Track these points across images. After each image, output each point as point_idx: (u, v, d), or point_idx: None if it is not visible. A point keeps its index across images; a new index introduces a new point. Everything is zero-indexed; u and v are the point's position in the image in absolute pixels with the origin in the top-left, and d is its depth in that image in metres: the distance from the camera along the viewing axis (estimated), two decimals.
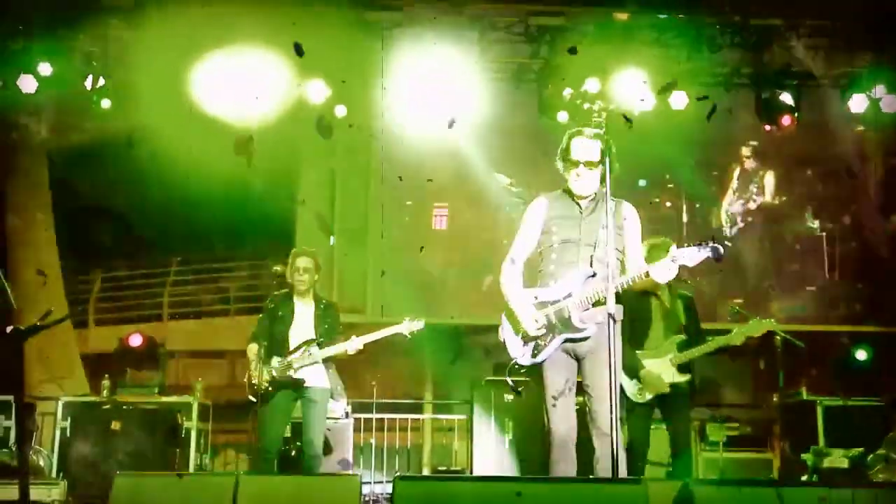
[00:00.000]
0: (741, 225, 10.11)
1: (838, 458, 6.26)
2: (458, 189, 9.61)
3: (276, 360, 6.19)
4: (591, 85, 8.56)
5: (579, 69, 8.59)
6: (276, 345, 6.24)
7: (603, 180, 4.53)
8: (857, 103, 8.98)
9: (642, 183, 9.83)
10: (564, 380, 4.56)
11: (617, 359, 4.34)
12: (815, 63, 9.09)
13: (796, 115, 8.90)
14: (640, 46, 8.71)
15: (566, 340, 4.54)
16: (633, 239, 4.70)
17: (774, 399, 8.21)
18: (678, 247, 4.41)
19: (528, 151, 9.46)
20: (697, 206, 10.00)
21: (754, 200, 10.01)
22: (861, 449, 6.27)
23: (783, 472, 7.68)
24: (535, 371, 4.62)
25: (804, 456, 6.68)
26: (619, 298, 4.39)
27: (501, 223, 9.50)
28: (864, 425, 7.45)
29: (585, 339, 4.52)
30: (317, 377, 6.22)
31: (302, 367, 6.15)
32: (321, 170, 9.89)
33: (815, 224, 10.29)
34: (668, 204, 10.01)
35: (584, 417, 4.59)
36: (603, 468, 4.34)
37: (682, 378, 6.07)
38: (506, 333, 4.71)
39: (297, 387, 6.16)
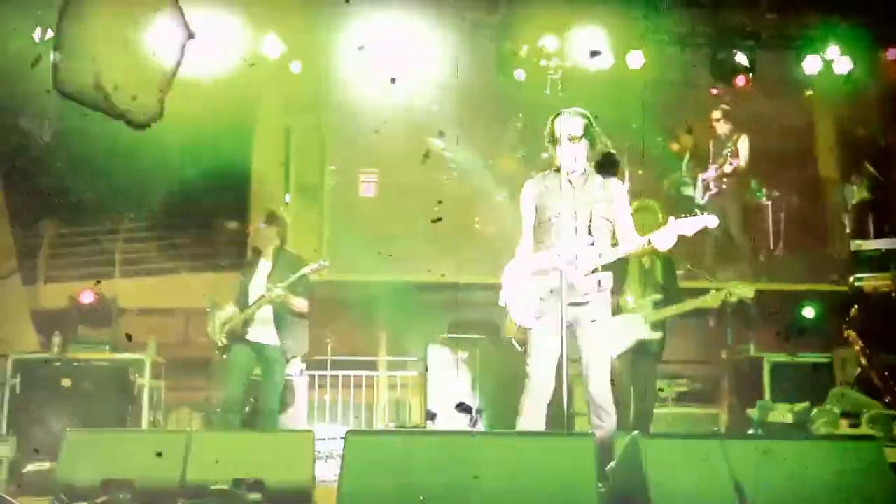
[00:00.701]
0: (714, 191, 9.85)
1: (783, 413, 6.40)
2: (414, 146, 9.54)
3: (232, 316, 6.24)
4: (549, 42, 8.54)
5: (537, 26, 8.57)
6: (240, 303, 6.33)
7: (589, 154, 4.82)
8: (811, 64, 9.09)
9: None
10: (553, 339, 4.65)
11: (605, 325, 4.78)
12: (771, 23, 9.18)
13: (751, 75, 8.98)
14: (599, 4, 8.70)
15: (570, 304, 4.66)
16: (624, 212, 4.90)
17: (723, 355, 8.36)
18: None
19: (483, 109, 9.43)
20: (640, 172, 9.82)
21: (731, 164, 9.71)
22: (806, 404, 6.42)
23: (730, 427, 7.85)
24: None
25: (750, 411, 6.82)
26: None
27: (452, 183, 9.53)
28: (811, 381, 7.63)
29: (586, 303, 4.70)
30: (267, 335, 6.25)
31: (251, 321, 6.18)
32: (276, 127, 9.78)
33: (763, 191, 10.27)
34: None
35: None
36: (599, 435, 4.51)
37: (655, 336, 6.21)
38: (508, 297, 4.85)
39: (246, 342, 6.20)
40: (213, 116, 8.93)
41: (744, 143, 9.85)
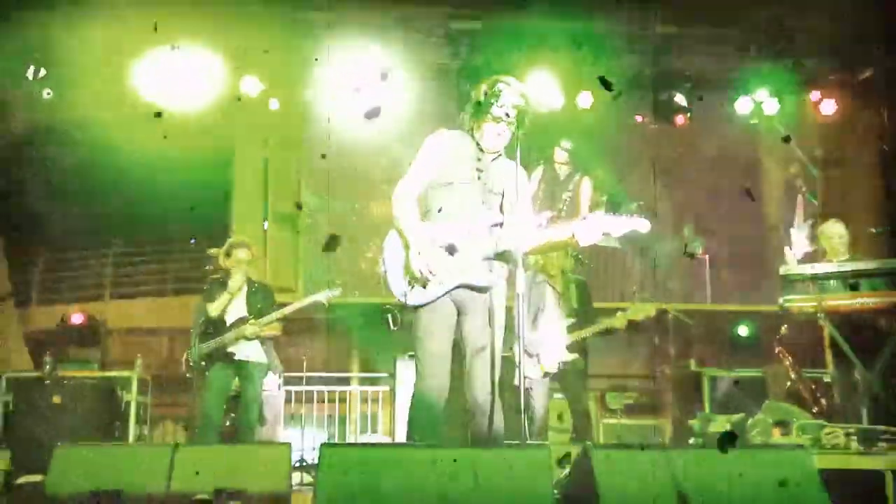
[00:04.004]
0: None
1: (721, 423, 6.45)
2: (381, 180, 9.56)
3: (211, 339, 6.16)
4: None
5: (495, 69, 8.62)
6: (213, 325, 6.21)
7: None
8: (743, 105, 9.26)
9: None
10: (445, 330, 3.91)
11: (500, 318, 3.96)
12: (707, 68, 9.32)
13: (689, 115, 9.13)
14: (551, 50, 8.80)
15: (462, 286, 3.90)
16: (527, 203, 4.15)
17: (666, 371, 8.43)
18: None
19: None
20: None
21: (561, 216, 8.19)
22: (742, 414, 6.47)
23: (674, 436, 7.90)
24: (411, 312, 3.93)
25: (691, 421, 6.87)
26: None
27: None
28: (746, 394, 7.69)
29: (484, 289, 3.91)
30: (253, 352, 6.20)
31: (234, 342, 6.12)
32: (255, 159, 9.78)
33: (698, 241, 9.19)
34: None
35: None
36: (481, 436, 3.86)
37: (572, 357, 6.20)
38: (389, 265, 3.94)
39: (231, 361, 6.12)
40: (197, 149, 8.91)
41: (586, 187, 8.76)
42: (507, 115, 3.93)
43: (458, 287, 3.89)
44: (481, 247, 3.92)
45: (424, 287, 3.84)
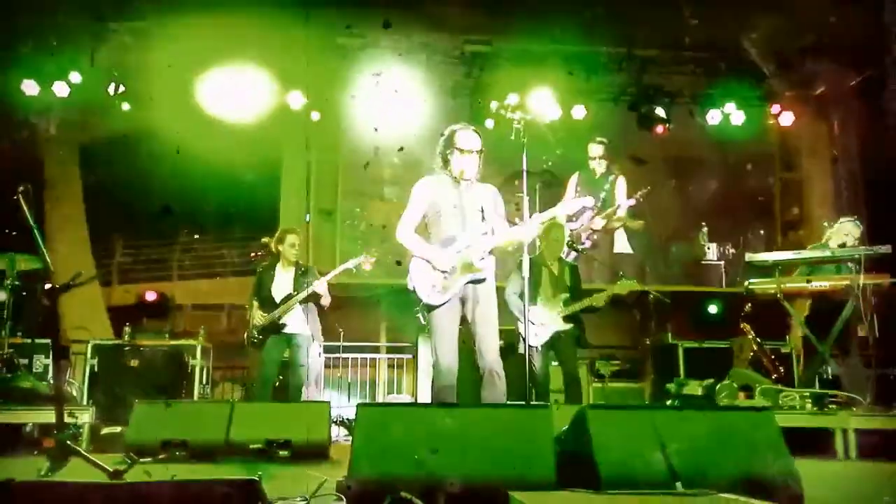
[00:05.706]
0: (586, 245, 7.94)
1: (694, 387, 6.38)
2: (406, 179, 9.50)
3: (265, 314, 6.18)
4: (512, 99, 8.56)
5: (503, 86, 8.59)
6: (265, 304, 6.23)
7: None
8: (712, 117, 9.14)
9: None
10: (454, 320, 4.30)
11: (494, 301, 4.34)
12: (683, 83, 9.21)
13: (668, 125, 9.02)
14: (551, 70, 8.74)
15: (468, 282, 4.30)
16: (501, 214, 4.53)
17: (647, 342, 8.35)
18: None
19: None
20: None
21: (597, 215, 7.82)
22: (712, 380, 6.42)
23: (652, 398, 7.85)
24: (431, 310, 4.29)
25: (668, 385, 6.81)
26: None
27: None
28: (714, 362, 7.62)
29: (483, 280, 4.31)
30: (299, 324, 6.20)
31: (285, 314, 6.14)
32: (299, 162, 9.76)
33: (709, 246, 8.97)
34: None
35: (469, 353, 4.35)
36: (495, 394, 4.18)
37: (568, 326, 6.17)
38: (415, 280, 4.36)
39: (282, 333, 6.15)
40: (251, 153, 8.91)
41: (621, 186, 8.12)
42: (469, 148, 4.37)
43: (466, 283, 4.30)
44: (476, 250, 4.32)
45: (444, 290, 4.27)
